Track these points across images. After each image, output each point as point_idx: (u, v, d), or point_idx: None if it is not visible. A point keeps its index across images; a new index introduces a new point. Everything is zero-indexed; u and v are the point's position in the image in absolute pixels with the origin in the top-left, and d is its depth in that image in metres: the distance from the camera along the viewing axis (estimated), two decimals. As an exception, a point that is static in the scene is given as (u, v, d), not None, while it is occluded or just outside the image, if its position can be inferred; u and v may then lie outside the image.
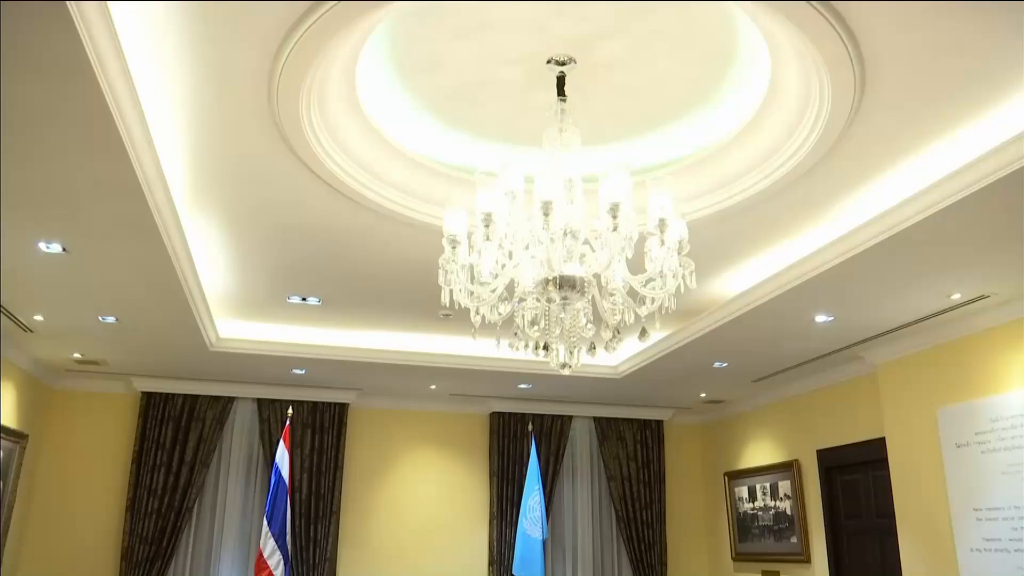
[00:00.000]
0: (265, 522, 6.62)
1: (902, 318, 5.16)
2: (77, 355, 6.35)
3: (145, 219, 3.71)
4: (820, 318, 5.19)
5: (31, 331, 5.59)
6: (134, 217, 3.69)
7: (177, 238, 4.15)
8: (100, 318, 5.32)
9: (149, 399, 7.17)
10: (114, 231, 3.87)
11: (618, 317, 2.80)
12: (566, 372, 2.85)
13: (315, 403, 7.52)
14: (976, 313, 4.99)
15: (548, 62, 3.05)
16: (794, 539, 7.03)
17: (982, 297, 4.73)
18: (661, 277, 2.77)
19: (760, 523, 7.53)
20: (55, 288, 4.73)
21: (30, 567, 6.70)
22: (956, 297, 4.74)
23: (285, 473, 6.77)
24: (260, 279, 5.11)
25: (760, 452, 7.67)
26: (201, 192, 3.92)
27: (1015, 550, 4.71)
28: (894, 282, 4.51)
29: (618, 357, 6.86)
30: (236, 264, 4.87)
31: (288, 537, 6.76)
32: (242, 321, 6.03)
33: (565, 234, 2.64)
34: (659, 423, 8.46)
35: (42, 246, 4.05)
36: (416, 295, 5.29)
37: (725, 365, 6.50)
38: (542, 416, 8.07)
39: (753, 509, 7.66)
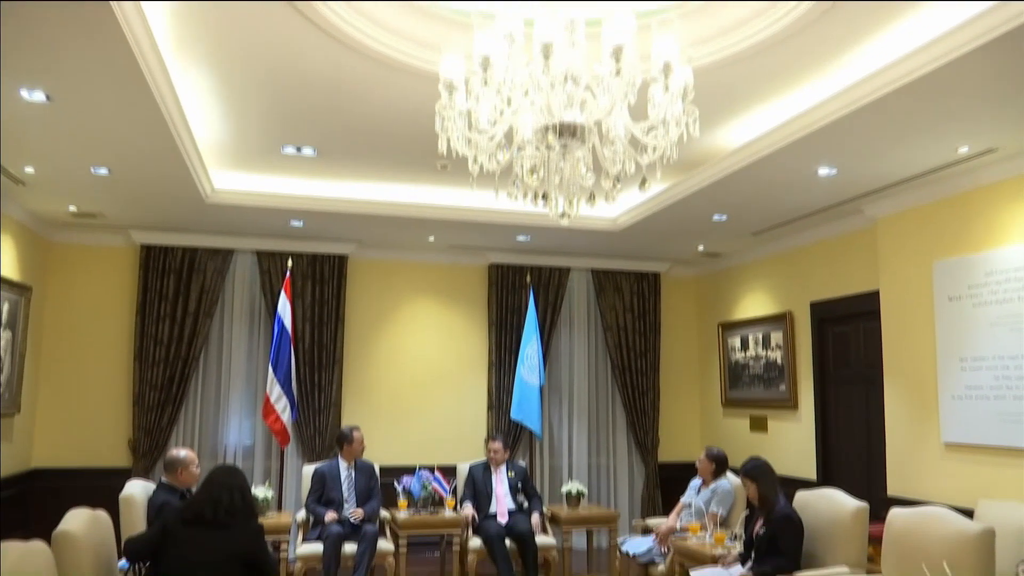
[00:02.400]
0: (271, 369, 6.81)
1: (907, 171, 5.09)
2: (73, 208, 6.30)
3: (129, 64, 3.55)
4: (823, 171, 5.12)
5: (23, 183, 5.51)
6: (117, 62, 3.54)
7: (164, 84, 4.01)
8: (92, 170, 5.23)
9: (149, 252, 7.20)
10: (98, 78, 3.73)
11: (619, 166, 2.74)
12: (565, 222, 2.83)
13: (314, 255, 7.56)
14: (981, 167, 4.92)
15: None
16: (783, 387, 7.27)
17: (989, 151, 4.64)
18: (664, 125, 2.70)
19: (751, 372, 7.78)
20: (42, 138, 4.63)
21: (47, 413, 6.97)
22: (963, 151, 4.66)
23: (287, 323, 6.90)
24: (253, 128, 5.00)
25: (754, 304, 7.80)
26: (187, 36, 3.74)
27: (995, 397, 4.88)
28: (902, 134, 4.42)
29: (617, 209, 6.83)
30: (228, 113, 4.73)
31: (294, 384, 6.98)
32: (238, 172, 5.94)
33: (566, 79, 2.55)
34: (656, 275, 8.55)
35: (24, 94, 3.91)
36: (413, 145, 5.17)
37: (725, 218, 6.48)
38: (540, 268, 8.14)
39: (745, 358, 7.88)
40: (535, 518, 6.36)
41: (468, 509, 6.35)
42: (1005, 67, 3.52)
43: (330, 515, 5.92)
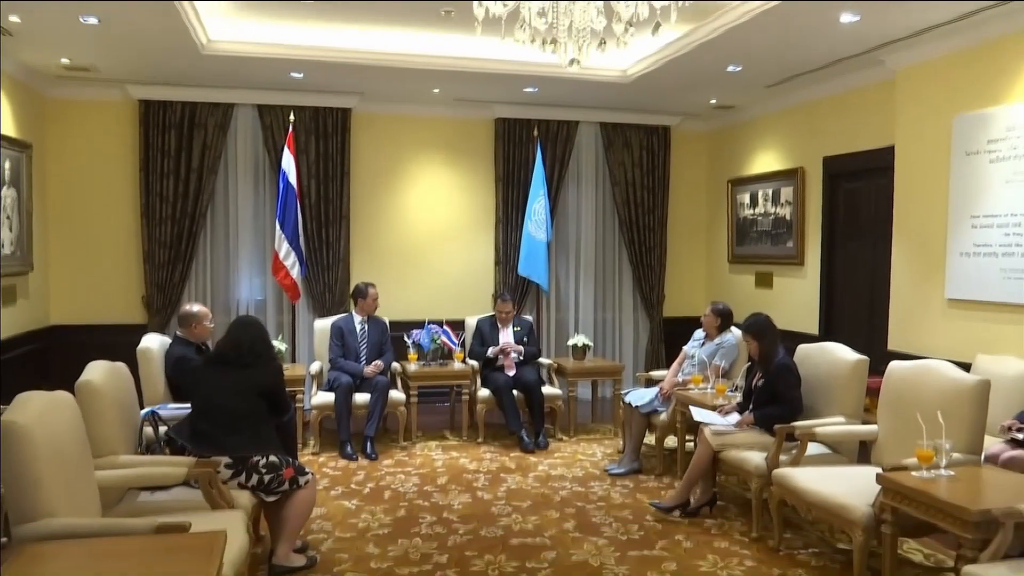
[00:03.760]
0: (278, 225, 6.80)
1: (935, 17, 4.84)
2: (65, 60, 6.10)
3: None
4: (846, 17, 4.87)
5: (10, 34, 5.30)
6: None
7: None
8: (81, 18, 5.01)
9: (148, 107, 7.03)
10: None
11: (631, 10, 2.60)
12: (574, 69, 2.72)
13: (317, 108, 7.38)
14: (1014, 13, 4.65)
15: None
16: (790, 243, 7.26)
17: (1025, -8, 4.39)
18: (681, -36, 2.53)
19: (759, 228, 7.74)
20: (26, -17, 4.41)
21: (60, 271, 7.05)
22: (997, -8, 4.41)
23: (292, 179, 6.82)
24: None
25: (766, 159, 7.66)
26: None
27: (1003, 254, 4.87)
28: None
29: (629, 59, 6.57)
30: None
31: (301, 240, 6.99)
32: (233, 19, 5.69)
33: (577, -87, 2.37)
34: (666, 129, 8.36)
35: (1, -68, 3.69)
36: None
37: (739, 69, 6.24)
38: (548, 122, 7.96)
39: (753, 215, 7.82)
40: (527, 350, 6.58)
41: (497, 348, 6.51)
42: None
43: (369, 369, 6.13)
